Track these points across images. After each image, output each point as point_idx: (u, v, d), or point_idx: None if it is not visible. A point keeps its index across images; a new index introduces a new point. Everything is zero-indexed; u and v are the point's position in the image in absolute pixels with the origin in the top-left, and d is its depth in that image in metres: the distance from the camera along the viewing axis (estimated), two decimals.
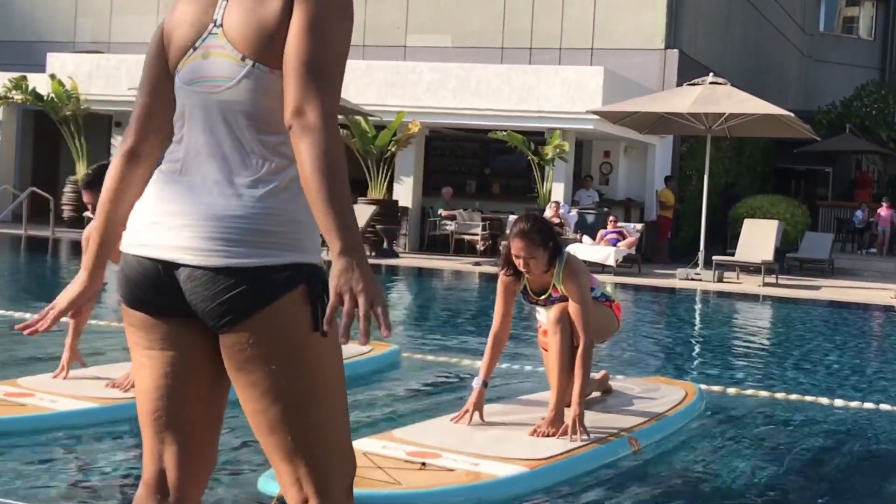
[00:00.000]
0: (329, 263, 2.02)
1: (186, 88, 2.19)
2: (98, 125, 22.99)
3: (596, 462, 4.86)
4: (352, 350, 6.62)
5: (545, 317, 5.34)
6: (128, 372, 5.55)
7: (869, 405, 6.78)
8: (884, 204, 22.61)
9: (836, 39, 36.49)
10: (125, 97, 21.36)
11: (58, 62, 22.47)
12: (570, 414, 5.03)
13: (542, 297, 5.28)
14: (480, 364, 5.29)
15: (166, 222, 2.12)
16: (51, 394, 5.32)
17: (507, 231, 5.12)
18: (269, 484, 4.01)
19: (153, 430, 2.23)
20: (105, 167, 5.64)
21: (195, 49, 2.18)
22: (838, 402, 6.84)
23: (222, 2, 2.17)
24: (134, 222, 2.20)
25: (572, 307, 5.15)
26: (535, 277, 5.24)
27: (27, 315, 8.90)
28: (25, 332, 2.33)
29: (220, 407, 2.28)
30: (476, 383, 5.21)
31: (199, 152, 2.15)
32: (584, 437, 4.95)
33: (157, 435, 2.23)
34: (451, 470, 4.34)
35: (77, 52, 24.11)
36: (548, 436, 4.97)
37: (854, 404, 6.79)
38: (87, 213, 20.31)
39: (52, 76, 21.61)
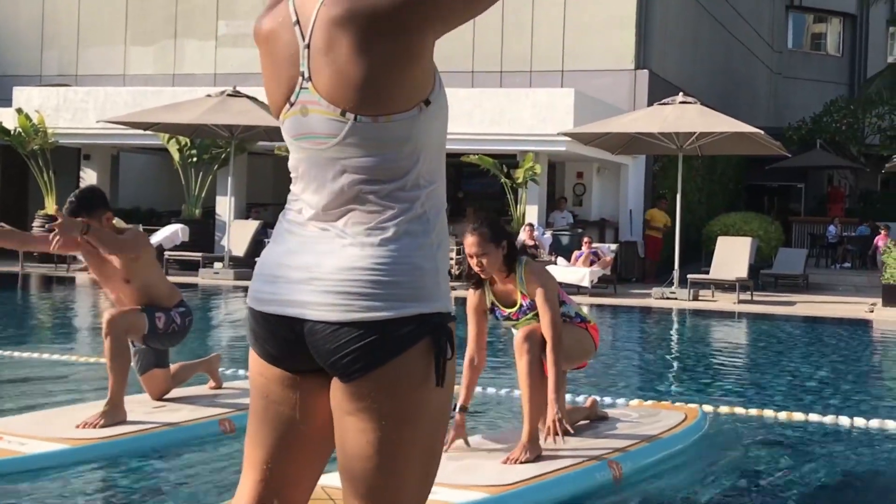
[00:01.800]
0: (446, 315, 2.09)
1: (294, 143, 2.15)
2: (66, 159, 22.79)
3: (570, 487, 4.73)
4: None
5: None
6: (102, 409, 5.43)
7: (844, 419, 6.76)
8: (882, 232, 22.64)
9: (805, 56, 36.79)
10: (93, 130, 21.21)
11: (24, 96, 22.29)
12: (548, 417, 4.94)
13: (513, 309, 5.17)
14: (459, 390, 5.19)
15: (287, 276, 2.10)
16: (19, 436, 5.14)
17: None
18: None
19: (260, 477, 2.22)
20: (86, 192, 5.57)
21: (291, 105, 2.11)
22: (813, 417, 6.81)
23: (304, 50, 2.06)
24: (258, 275, 2.18)
25: (538, 304, 5.03)
26: (500, 287, 5.13)
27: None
28: None
29: (323, 465, 2.28)
30: (457, 410, 5.10)
31: (315, 205, 2.12)
32: (569, 435, 4.90)
33: (262, 482, 2.22)
34: None
35: (44, 85, 23.94)
36: (521, 462, 4.86)
37: (828, 419, 6.77)
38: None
39: (19, 110, 21.42)
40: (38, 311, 14.24)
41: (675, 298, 16.62)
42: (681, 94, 17.77)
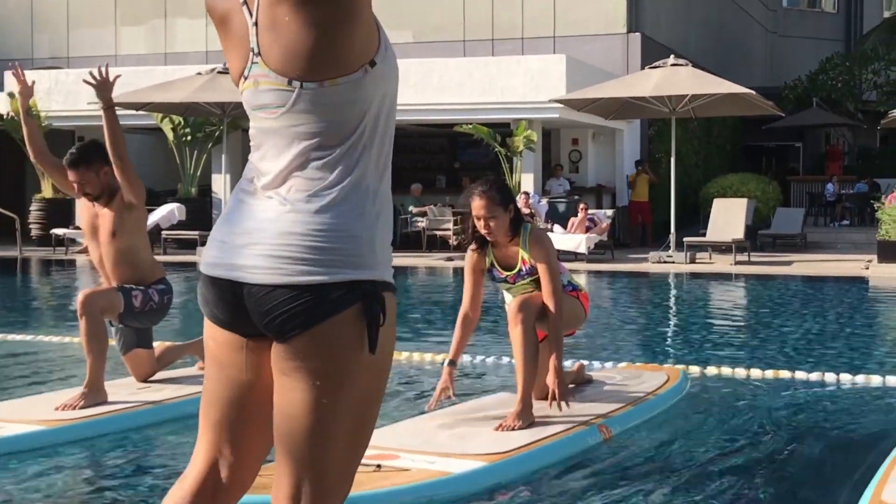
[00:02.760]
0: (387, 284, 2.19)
1: (252, 113, 2.26)
2: (61, 141, 22.70)
3: (563, 452, 4.79)
4: None
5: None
6: (81, 391, 5.43)
7: (830, 376, 6.78)
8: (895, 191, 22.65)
9: (800, 13, 36.56)
10: (86, 112, 21.12)
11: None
12: (549, 384, 5.04)
13: (511, 272, 5.23)
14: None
15: (232, 241, 2.20)
16: None
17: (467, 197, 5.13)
18: None
19: (214, 436, 2.30)
20: (87, 144, 5.64)
21: (246, 78, 2.22)
22: (800, 375, 6.85)
23: (253, 27, 2.18)
24: (209, 241, 2.28)
25: (541, 273, 5.11)
26: (502, 249, 5.20)
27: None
28: None
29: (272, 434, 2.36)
30: (445, 363, 5.18)
31: (269, 172, 2.21)
32: (569, 401, 5.04)
33: (218, 443, 2.30)
34: (407, 470, 4.26)
35: (35, 68, 23.85)
36: (514, 429, 4.92)
37: (814, 376, 6.79)
38: (66, 231, 19.86)
39: (11, 94, 21.36)
40: (38, 296, 14.27)
41: (673, 262, 16.63)
42: (672, 56, 17.70)
